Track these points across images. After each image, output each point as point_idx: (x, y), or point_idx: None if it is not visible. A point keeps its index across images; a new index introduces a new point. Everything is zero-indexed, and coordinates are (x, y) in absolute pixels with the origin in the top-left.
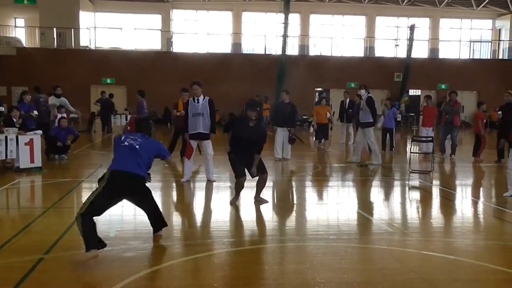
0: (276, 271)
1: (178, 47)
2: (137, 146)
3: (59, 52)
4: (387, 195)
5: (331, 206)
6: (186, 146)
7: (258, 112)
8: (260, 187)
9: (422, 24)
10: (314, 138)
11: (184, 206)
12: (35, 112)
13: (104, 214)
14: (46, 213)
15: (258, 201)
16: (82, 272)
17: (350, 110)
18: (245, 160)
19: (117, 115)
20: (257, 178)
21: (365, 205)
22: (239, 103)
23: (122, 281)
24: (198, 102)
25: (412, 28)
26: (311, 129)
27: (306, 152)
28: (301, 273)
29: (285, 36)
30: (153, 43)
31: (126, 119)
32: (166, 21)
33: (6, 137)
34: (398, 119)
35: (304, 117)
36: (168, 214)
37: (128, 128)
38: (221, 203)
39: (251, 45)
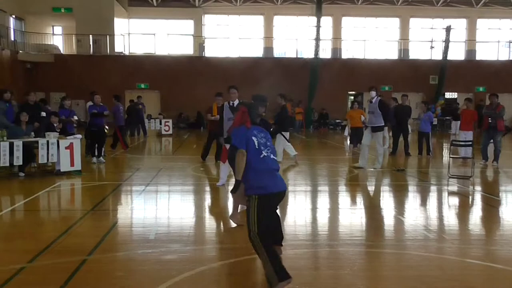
0: (314, 276)
1: (210, 51)
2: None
3: (95, 58)
4: (425, 200)
5: (367, 211)
6: (221, 149)
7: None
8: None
9: (458, 25)
10: (348, 142)
11: (220, 209)
12: (75, 117)
13: (144, 216)
14: (86, 215)
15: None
16: (125, 273)
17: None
18: None
19: (152, 119)
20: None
21: (403, 210)
22: (270, 107)
23: (164, 283)
24: (233, 106)
25: (448, 29)
26: (346, 133)
27: (340, 156)
28: (340, 278)
29: (317, 39)
30: (186, 48)
31: (161, 123)
32: (198, 26)
33: (47, 141)
34: (434, 123)
35: (337, 120)
36: (204, 218)
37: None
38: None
39: (283, 49)
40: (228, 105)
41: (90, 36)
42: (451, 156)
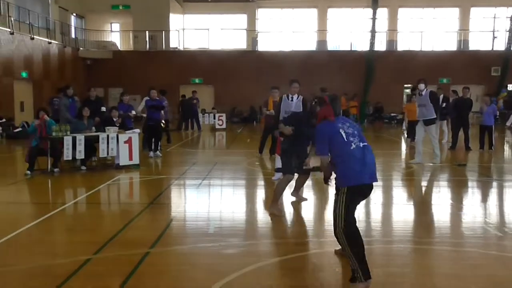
0: (380, 274)
1: (263, 45)
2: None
3: (151, 54)
4: (492, 197)
5: (433, 207)
6: (276, 143)
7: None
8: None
9: None
10: (406, 135)
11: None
12: (133, 112)
13: (201, 210)
14: (146, 209)
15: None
16: (187, 267)
17: (443, 106)
18: (297, 156)
19: (206, 113)
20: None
21: (469, 207)
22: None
23: (227, 276)
24: (292, 100)
25: None
26: (403, 127)
27: (397, 150)
28: (405, 277)
29: (373, 31)
30: (239, 42)
31: (214, 118)
32: (252, 21)
33: (108, 135)
34: (496, 116)
35: (392, 114)
36: (260, 212)
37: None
38: (316, 200)
39: (337, 42)
40: (287, 99)
41: (147, 32)
42: None
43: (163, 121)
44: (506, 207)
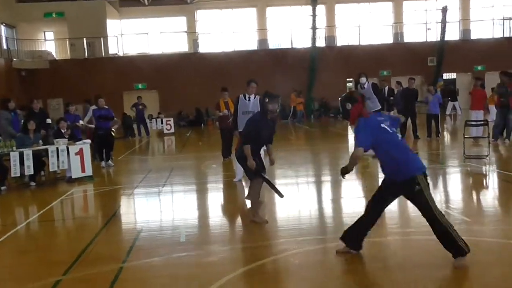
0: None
1: (205, 47)
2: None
3: (90, 62)
4: (448, 183)
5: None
6: (227, 145)
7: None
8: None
9: (452, 5)
10: None
11: (243, 206)
12: (81, 122)
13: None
14: (109, 222)
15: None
16: (168, 280)
17: (391, 98)
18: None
19: (153, 119)
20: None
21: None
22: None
23: (211, 286)
24: (249, 100)
25: (444, 10)
26: None
27: (347, 144)
28: (387, 270)
29: (314, 28)
30: (180, 45)
31: (162, 123)
32: (191, 23)
33: (57, 148)
34: (441, 104)
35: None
36: (230, 216)
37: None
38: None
39: (277, 40)
40: (244, 99)
41: (84, 39)
42: (465, 136)
43: (113, 129)
44: (464, 192)
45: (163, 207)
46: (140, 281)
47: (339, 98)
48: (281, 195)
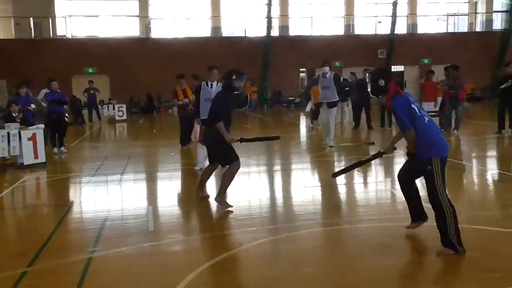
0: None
1: (157, 32)
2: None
3: (36, 42)
4: None
5: (363, 186)
6: (185, 134)
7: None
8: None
9: (400, 0)
10: (311, 118)
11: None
12: (33, 106)
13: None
14: (70, 210)
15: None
16: (140, 269)
17: (346, 88)
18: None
19: (104, 105)
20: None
21: (391, 184)
22: None
23: (188, 275)
24: (211, 87)
25: (395, 4)
26: (307, 108)
27: (296, 134)
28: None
29: (269, 17)
30: (132, 29)
31: (114, 109)
32: (144, 7)
33: (8, 133)
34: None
35: (290, 98)
36: (195, 204)
37: None
38: (248, 189)
39: (231, 28)
40: (206, 86)
41: (31, 19)
42: None
43: (66, 114)
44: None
45: (125, 195)
46: (113, 271)
47: (368, 73)
48: (276, 137)
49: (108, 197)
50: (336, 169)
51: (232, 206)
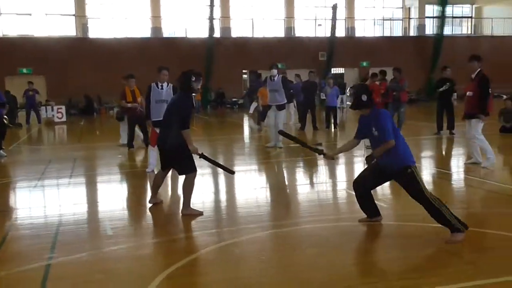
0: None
1: (95, 32)
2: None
3: None
4: (353, 171)
5: (318, 186)
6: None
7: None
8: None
9: (339, 4)
10: (258, 119)
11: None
12: None
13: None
14: (20, 216)
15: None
16: (104, 275)
17: (291, 91)
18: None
19: (42, 106)
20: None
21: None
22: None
23: (152, 282)
24: (162, 89)
25: (334, 7)
26: (251, 110)
27: (251, 134)
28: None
29: (211, 18)
30: (68, 29)
31: (53, 110)
32: (81, 6)
33: None
34: (323, 98)
35: (234, 99)
36: (153, 207)
37: None
38: (203, 192)
39: (172, 29)
40: (156, 87)
41: None
42: None
43: (5, 116)
44: None
45: (77, 199)
46: (75, 277)
47: (352, 90)
48: (231, 172)
49: (58, 201)
50: (286, 169)
51: (202, 212)
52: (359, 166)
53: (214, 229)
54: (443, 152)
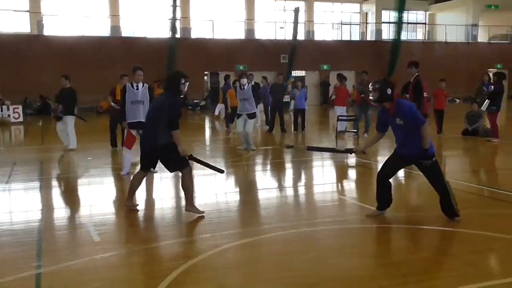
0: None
1: (50, 30)
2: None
3: None
4: (338, 174)
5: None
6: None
7: None
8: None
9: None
10: (226, 121)
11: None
12: None
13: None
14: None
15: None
16: (102, 283)
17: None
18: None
19: None
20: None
21: (324, 185)
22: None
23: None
24: (137, 89)
25: (296, 11)
26: (216, 112)
27: (220, 136)
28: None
29: (174, 18)
30: (22, 25)
31: (8, 110)
32: (35, 2)
33: None
34: (285, 100)
35: (196, 101)
36: (139, 211)
37: None
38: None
39: (131, 28)
40: (131, 87)
41: None
42: (338, 130)
43: None
44: (350, 180)
45: (54, 203)
46: (70, 286)
47: (375, 85)
48: (221, 171)
49: (34, 205)
50: (258, 172)
51: (204, 212)
52: (329, 170)
53: (206, 234)
54: None
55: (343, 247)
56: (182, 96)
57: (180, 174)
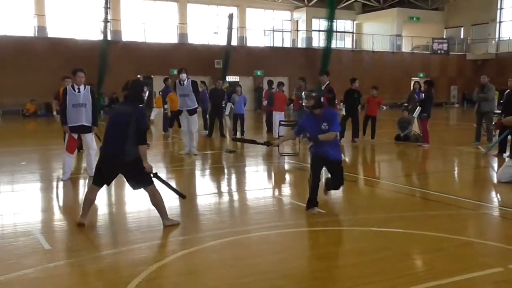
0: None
1: None
2: None
3: None
4: (279, 178)
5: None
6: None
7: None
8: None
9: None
10: (167, 126)
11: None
12: None
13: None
14: None
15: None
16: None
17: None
18: None
19: None
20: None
21: (279, 189)
22: (46, 92)
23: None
24: (79, 92)
25: (230, 16)
26: (152, 116)
27: (158, 141)
28: (285, 261)
29: (106, 20)
30: None
31: None
32: None
33: None
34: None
35: None
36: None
37: None
38: (120, 201)
39: (58, 29)
40: (72, 90)
41: None
42: (279, 136)
43: None
44: (297, 184)
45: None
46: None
47: (312, 93)
48: (183, 196)
49: None
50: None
51: (179, 222)
52: (276, 174)
53: (165, 239)
54: (365, 158)
55: (302, 250)
56: (141, 105)
57: (145, 191)
